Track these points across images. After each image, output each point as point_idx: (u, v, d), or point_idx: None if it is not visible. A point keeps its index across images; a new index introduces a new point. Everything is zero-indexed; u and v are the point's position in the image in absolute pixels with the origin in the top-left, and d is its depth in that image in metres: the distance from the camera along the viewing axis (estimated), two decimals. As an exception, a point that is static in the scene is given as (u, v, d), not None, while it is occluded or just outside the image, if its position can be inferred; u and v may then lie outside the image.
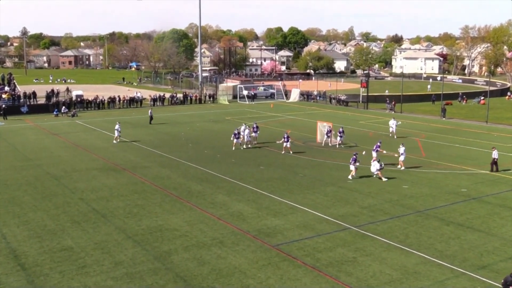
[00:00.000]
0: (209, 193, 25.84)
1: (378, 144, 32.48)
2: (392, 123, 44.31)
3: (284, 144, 35.92)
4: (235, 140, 37.17)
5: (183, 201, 24.44)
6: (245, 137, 38.05)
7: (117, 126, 40.47)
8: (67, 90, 72.91)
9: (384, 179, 28.26)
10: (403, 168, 31.19)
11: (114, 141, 39.91)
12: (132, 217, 22.02)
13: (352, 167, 28.75)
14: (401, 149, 31.39)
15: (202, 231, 20.33)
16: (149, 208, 23.30)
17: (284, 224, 21.19)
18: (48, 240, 19.34)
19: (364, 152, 32.79)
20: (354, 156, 28.89)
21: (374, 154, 31.21)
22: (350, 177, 28.65)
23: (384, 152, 32.72)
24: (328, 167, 31.85)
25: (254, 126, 39.55)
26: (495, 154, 30.49)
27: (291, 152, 35.66)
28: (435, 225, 21.20)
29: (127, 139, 41.52)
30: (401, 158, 31.34)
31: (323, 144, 39.00)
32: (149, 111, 52.30)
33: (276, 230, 20.49)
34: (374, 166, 28.71)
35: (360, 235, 20.05)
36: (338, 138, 38.65)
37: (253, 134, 39.15)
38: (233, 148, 37.14)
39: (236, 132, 37.58)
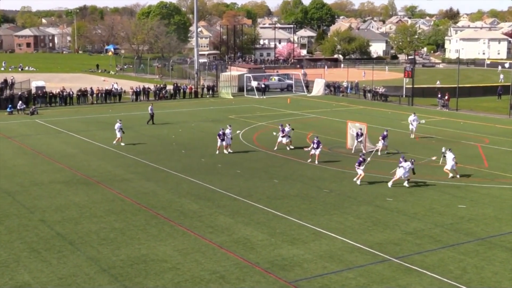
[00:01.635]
0: (207, 213, 25.90)
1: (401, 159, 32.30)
2: (412, 120, 44.90)
3: (312, 151, 35.88)
4: (219, 141, 38.37)
5: (173, 224, 24.51)
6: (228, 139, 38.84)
7: (118, 125, 41.68)
8: (5, 82, 72.26)
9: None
10: (458, 176, 32.16)
11: (114, 142, 41.49)
12: (108, 244, 22.12)
13: (359, 171, 30.78)
14: (449, 155, 32.33)
15: (199, 262, 20.38)
16: (130, 233, 23.40)
17: (304, 254, 21.20)
18: None
19: (434, 158, 34.31)
20: (361, 159, 30.91)
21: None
22: (358, 181, 30.96)
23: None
24: (362, 180, 31.78)
25: (288, 128, 39.94)
26: None
27: (316, 162, 35.58)
28: (502, 257, 21.11)
29: (102, 144, 41.74)
30: (448, 166, 32.23)
31: (353, 151, 38.92)
32: (149, 107, 52.08)
33: (293, 262, 20.50)
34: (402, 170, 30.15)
35: (403, 268, 20.01)
36: (381, 143, 38.73)
37: (282, 139, 39.48)
38: (217, 152, 38.17)
39: (221, 132, 38.36)
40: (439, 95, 65.42)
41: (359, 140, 39.04)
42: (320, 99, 72.52)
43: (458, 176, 32.24)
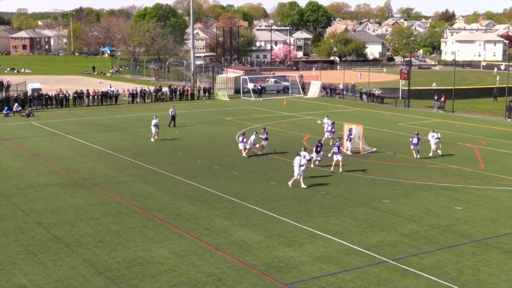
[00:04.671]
0: (203, 216, 25.89)
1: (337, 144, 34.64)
2: (327, 122, 43.44)
3: (335, 157, 34.26)
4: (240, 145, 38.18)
5: (170, 226, 24.49)
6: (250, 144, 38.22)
7: (154, 121, 43.16)
8: (1, 84, 72.15)
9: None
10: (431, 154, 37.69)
11: (152, 139, 43.15)
12: (104, 246, 22.09)
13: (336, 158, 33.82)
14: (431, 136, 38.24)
15: (195, 265, 20.37)
16: (126, 235, 23.37)
17: (301, 256, 21.20)
18: (-4, 276, 19.42)
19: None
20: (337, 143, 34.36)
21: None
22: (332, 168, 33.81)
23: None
24: (359, 182, 31.82)
25: (264, 132, 39.31)
26: None
27: (340, 170, 34.15)
28: (498, 259, 21.14)
29: (98, 146, 41.72)
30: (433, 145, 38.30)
31: (349, 153, 38.85)
32: (170, 109, 51.89)
33: (290, 264, 20.51)
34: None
35: (399, 270, 20.02)
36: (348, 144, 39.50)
37: (263, 142, 39.06)
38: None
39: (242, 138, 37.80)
40: (435, 97, 65.50)
41: (350, 139, 39.01)
42: (316, 101, 72.57)
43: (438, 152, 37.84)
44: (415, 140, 37.34)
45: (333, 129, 41.92)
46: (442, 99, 64.27)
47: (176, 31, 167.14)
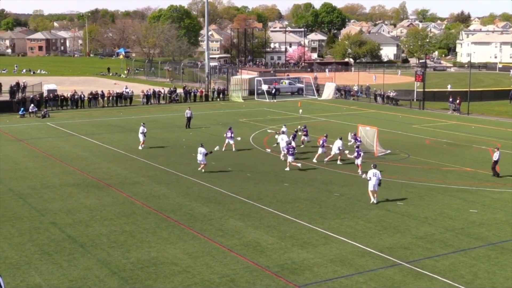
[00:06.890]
0: (217, 217, 25.93)
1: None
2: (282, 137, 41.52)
3: (356, 161, 34.39)
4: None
5: (184, 227, 24.56)
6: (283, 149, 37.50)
7: (142, 129, 41.74)
8: (17, 85, 72.32)
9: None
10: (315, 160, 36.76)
11: (140, 147, 41.42)
12: (118, 247, 22.19)
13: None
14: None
15: (208, 266, 20.41)
16: (140, 236, 23.46)
17: (314, 258, 21.18)
18: (10, 276, 19.54)
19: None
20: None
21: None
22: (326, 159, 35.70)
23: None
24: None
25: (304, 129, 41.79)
26: (496, 156, 33.35)
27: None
28: (513, 262, 21.00)
29: (113, 147, 41.92)
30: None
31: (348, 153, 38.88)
32: (186, 111, 51.99)
33: (304, 265, 20.49)
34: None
35: (413, 273, 19.94)
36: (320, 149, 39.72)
37: (305, 138, 41.66)
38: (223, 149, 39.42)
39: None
40: (450, 99, 65.14)
41: (356, 139, 39.30)
42: (331, 102, 72.45)
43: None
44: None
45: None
46: (457, 101, 63.90)
47: (190, 32, 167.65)
